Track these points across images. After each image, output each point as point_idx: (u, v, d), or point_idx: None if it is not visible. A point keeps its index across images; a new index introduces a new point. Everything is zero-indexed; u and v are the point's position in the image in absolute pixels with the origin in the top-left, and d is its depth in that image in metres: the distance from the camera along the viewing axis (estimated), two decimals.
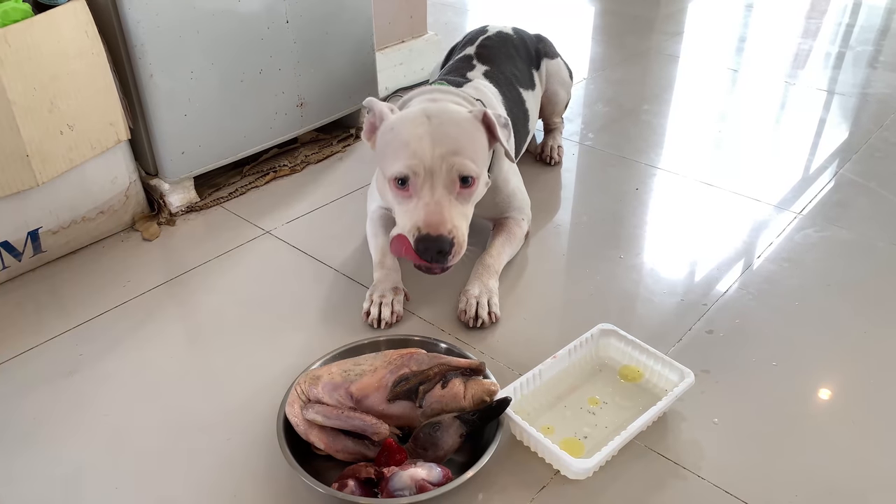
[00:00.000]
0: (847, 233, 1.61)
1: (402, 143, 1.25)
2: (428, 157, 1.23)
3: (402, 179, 1.24)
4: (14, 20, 1.33)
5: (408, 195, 1.25)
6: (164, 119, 1.59)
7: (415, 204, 1.24)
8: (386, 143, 1.29)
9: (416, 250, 1.21)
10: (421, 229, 1.21)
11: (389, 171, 1.26)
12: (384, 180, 1.30)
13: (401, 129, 1.27)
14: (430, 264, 1.22)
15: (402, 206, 1.26)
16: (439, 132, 1.25)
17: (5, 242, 1.43)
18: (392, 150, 1.26)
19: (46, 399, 1.20)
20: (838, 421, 1.14)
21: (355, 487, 0.97)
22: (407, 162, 1.23)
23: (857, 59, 2.63)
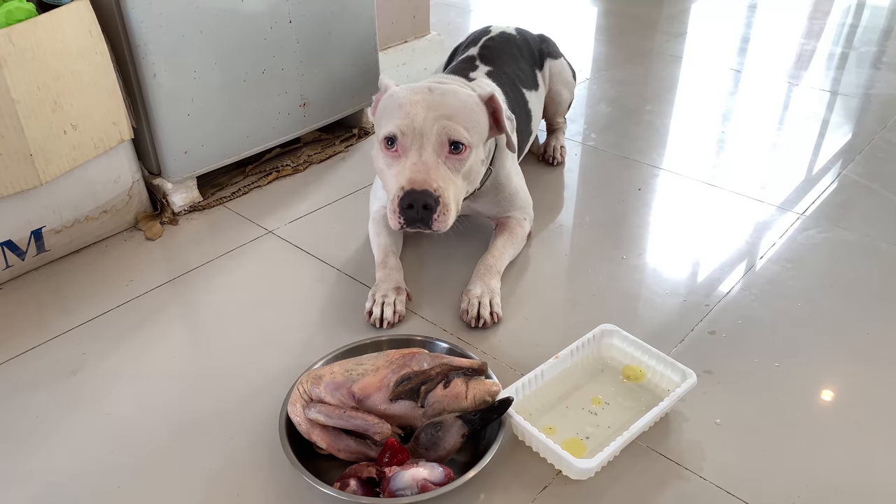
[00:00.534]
0: (850, 234, 1.60)
1: (397, 105, 1.28)
2: (419, 119, 1.24)
3: (391, 139, 1.25)
4: (18, 20, 1.34)
5: (396, 156, 1.26)
6: (167, 118, 1.60)
7: (401, 165, 1.25)
8: (383, 108, 1.32)
9: (400, 209, 1.21)
10: (405, 187, 1.22)
11: (381, 131, 1.28)
12: (377, 148, 1.31)
13: (399, 95, 1.30)
14: (409, 223, 1.23)
15: (391, 168, 1.27)
16: (437, 100, 1.28)
17: (9, 241, 1.44)
18: (387, 113, 1.29)
19: (49, 398, 1.20)
20: (840, 422, 1.14)
21: (357, 487, 0.97)
22: (398, 122, 1.25)
23: (860, 60, 2.63)
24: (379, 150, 1.30)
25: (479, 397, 1.05)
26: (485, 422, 1.03)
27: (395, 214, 1.24)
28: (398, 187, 1.23)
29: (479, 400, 1.05)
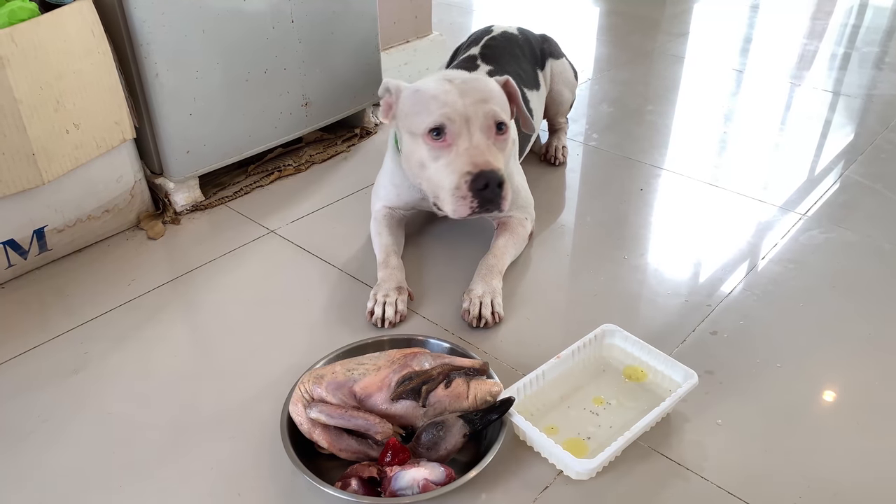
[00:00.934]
0: (852, 234, 1.60)
1: (430, 97, 1.27)
2: (460, 105, 1.25)
3: (438, 129, 1.24)
4: (21, 19, 1.34)
5: (445, 146, 1.25)
6: (170, 118, 1.60)
7: (455, 153, 1.24)
8: (411, 105, 1.29)
9: (473, 192, 1.21)
10: (471, 171, 1.21)
11: (423, 124, 1.25)
12: (413, 146, 1.29)
13: (426, 88, 1.29)
14: (482, 205, 1.22)
15: (439, 160, 1.26)
16: (466, 87, 1.28)
17: (11, 241, 1.44)
18: (421, 106, 1.27)
19: (51, 397, 1.20)
20: (842, 423, 1.14)
21: (358, 487, 0.98)
22: (441, 111, 1.24)
23: (862, 61, 2.63)
24: (418, 145, 1.28)
25: (481, 397, 1.05)
26: (486, 422, 1.03)
27: (465, 200, 1.23)
28: (462, 172, 1.22)
29: (481, 400, 1.05)
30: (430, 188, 1.31)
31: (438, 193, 1.28)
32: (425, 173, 1.30)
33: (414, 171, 1.33)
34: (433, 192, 1.30)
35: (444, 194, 1.26)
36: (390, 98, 1.36)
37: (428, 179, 1.30)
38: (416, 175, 1.33)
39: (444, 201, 1.27)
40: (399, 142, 1.41)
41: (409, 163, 1.34)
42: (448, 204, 1.26)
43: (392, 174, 1.50)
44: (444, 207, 1.28)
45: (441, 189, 1.27)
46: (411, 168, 1.33)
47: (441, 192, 1.27)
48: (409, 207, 1.54)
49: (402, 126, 1.34)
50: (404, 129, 1.33)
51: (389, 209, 1.54)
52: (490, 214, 1.53)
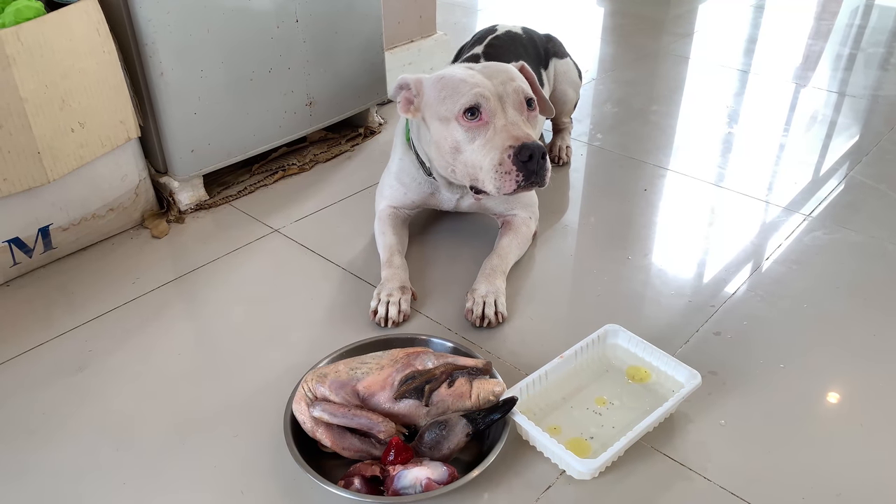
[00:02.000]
0: (857, 235, 1.60)
1: (458, 80, 1.28)
2: (490, 84, 1.26)
3: (473, 109, 1.24)
4: (26, 18, 1.35)
5: (481, 125, 1.25)
6: (174, 117, 1.60)
7: (492, 130, 1.24)
8: (439, 91, 1.29)
9: (518, 166, 1.21)
10: (514, 144, 1.22)
11: (456, 106, 1.26)
12: (445, 132, 1.28)
13: (451, 74, 1.30)
14: (528, 178, 1.23)
15: (476, 140, 1.26)
16: (488, 70, 1.30)
17: (16, 239, 1.44)
18: (450, 90, 1.27)
19: (55, 394, 1.20)
20: (846, 424, 1.13)
21: (361, 485, 0.98)
22: (474, 90, 1.25)
23: (868, 61, 2.62)
24: (452, 130, 1.27)
25: (484, 397, 1.05)
26: (489, 421, 1.03)
27: (509, 175, 1.23)
28: (504, 147, 1.23)
29: (484, 399, 1.05)
30: (466, 172, 1.30)
31: (477, 175, 1.28)
32: (461, 157, 1.29)
33: (446, 159, 1.31)
34: (471, 175, 1.29)
35: (484, 174, 1.26)
36: (409, 92, 1.35)
37: (464, 163, 1.29)
38: (449, 162, 1.32)
39: (485, 181, 1.26)
40: (416, 136, 1.41)
41: (440, 150, 1.32)
42: (491, 182, 1.25)
43: (399, 173, 1.50)
44: (486, 187, 1.27)
45: (480, 169, 1.26)
46: (443, 156, 1.32)
47: (481, 172, 1.26)
48: (416, 206, 1.54)
49: (429, 115, 1.32)
50: (433, 117, 1.31)
51: (394, 209, 1.54)
52: (495, 213, 1.53)
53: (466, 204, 1.51)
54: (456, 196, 1.50)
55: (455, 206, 1.52)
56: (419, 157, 1.45)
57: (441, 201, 1.52)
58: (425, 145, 1.39)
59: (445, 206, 1.53)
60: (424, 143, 1.39)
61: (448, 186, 1.46)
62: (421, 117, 1.35)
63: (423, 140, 1.39)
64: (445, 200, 1.51)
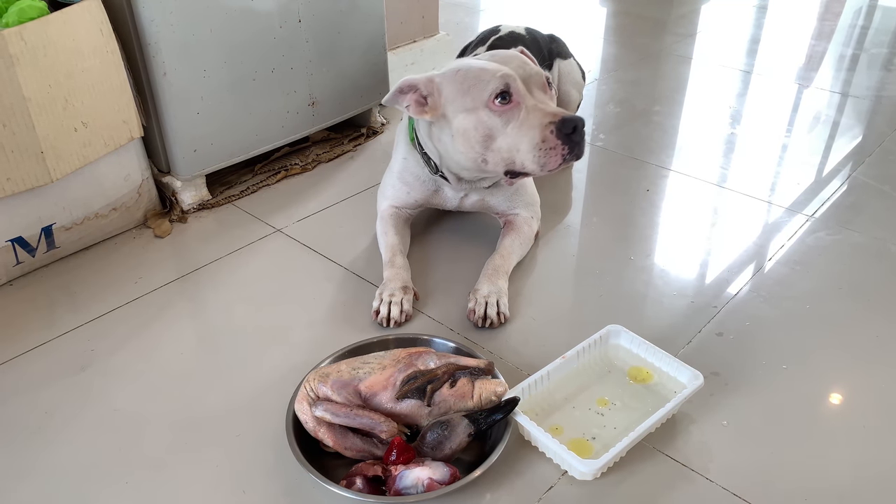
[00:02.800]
0: (859, 236, 1.60)
1: (479, 69, 1.27)
2: (512, 68, 1.26)
3: (504, 93, 1.24)
4: (30, 18, 1.35)
5: (513, 107, 1.25)
6: (177, 117, 1.60)
7: (524, 111, 1.25)
8: (460, 83, 1.28)
9: (563, 139, 1.22)
10: (553, 119, 1.23)
11: (485, 93, 1.25)
12: (474, 123, 1.27)
13: (468, 64, 1.29)
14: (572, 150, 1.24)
15: (510, 124, 1.26)
16: (499, 57, 1.30)
17: (19, 238, 1.45)
18: (473, 80, 1.27)
19: (58, 393, 1.21)
20: (848, 425, 1.13)
21: (363, 485, 0.98)
22: (500, 74, 1.25)
23: (871, 62, 2.62)
24: (482, 118, 1.26)
25: (486, 397, 1.05)
26: (491, 421, 1.03)
27: (554, 150, 1.23)
28: (544, 124, 1.23)
29: (486, 399, 1.05)
30: (501, 158, 1.29)
31: (514, 158, 1.27)
32: (495, 144, 1.28)
33: (477, 150, 1.30)
34: (506, 161, 1.29)
35: (524, 155, 1.26)
36: (416, 94, 1.32)
37: (498, 150, 1.28)
38: (479, 153, 1.30)
39: (525, 162, 1.26)
40: (427, 135, 1.38)
41: (468, 142, 1.30)
42: (534, 162, 1.25)
43: (402, 172, 1.50)
44: (528, 168, 1.27)
45: (519, 152, 1.26)
46: (473, 147, 1.30)
47: (519, 155, 1.26)
48: (418, 205, 1.54)
49: (452, 110, 1.30)
50: (458, 110, 1.29)
51: (396, 208, 1.54)
52: (497, 212, 1.53)
53: (470, 202, 1.51)
54: (460, 194, 1.50)
55: (458, 204, 1.52)
56: (425, 155, 1.44)
57: (445, 200, 1.52)
58: (436, 142, 1.37)
59: (449, 205, 1.53)
60: (436, 141, 1.37)
61: (457, 182, 1.45)
62: (439, 115, 1.32)
63: (436, 137, 1.37)
64: (449, 199, 1.51)
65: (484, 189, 1.49)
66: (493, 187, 1.49)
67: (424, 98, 1.32)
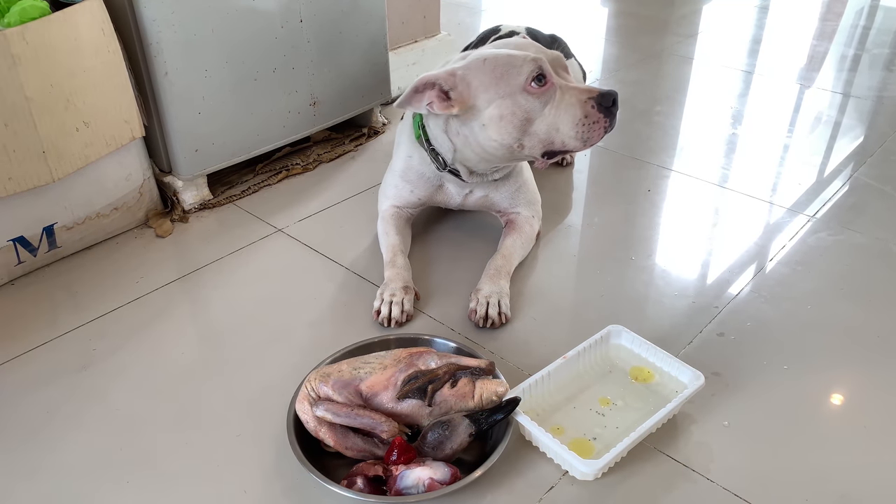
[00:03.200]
0: (861, 236, 1.60)
1: (506, 55, 1.28)
2: (532, 52, 1.28)
3: (540, 75, 1.26)
4: (32, 18, 1.35)
5: (548, 89, 1.27)
6: (179, 117, 1.61)
7: (560, 90, 1.28)
8: (491, 71, 1.28)
9: (605, 112, 1.26)
10: (591, 95, 1.27)
11: (521, 77, 1.26)
12: (511, 108, 1.27)
13: (493, 53, 1.30)
14: (608, 120, 1.28)
15: (548, 105, 1.28)
16: (514, 44, 1.32)
17: (21, 238, 1.45)
18: (505, 67, 1.27)
19: (59, 393, 1.21)
20: (850, 425, 1.13)
21: (364, 485, 0.98)
22: (533, 57, 1.26)
23: (873, 62, 2.61)
24: (519, 103, 1.27)
25: (487, 397, 1.05)
26: (492, 421, 1.03)
27: (597, 124, 1.27)
28: (583, 101, 1.27)
29: (487, 399, 1.05)
30: (539, 140, 1.30)
31: (555, 137, 1.29)
32: (533, 127, 1.29)
33: (514, 135, 1.30)
34: (545, 142, 1.30)
35: (565, 133, 1.28)
36: (436, 91, 1.29)
37: (536, 132, 1.29)
38: (517, 137, 1.30)
39: (566, 141, 1.29)
40: (442, 129, 1.36)
41: (506, 128, 1.29)
42: (576, 139, 1.28)
43: (405, 171, 1.50)
44: (570, 145, 1.30)
45: (559, 131, 1.28)
46: (510, 133, 1.29)
47: (559, 134, 1.29)
48: (421, 203, 1.54)
49: (485, 99, 1.28)
50: (492, 98, 1.28)
51: (397, 208, 1.54)
52: (499, 209, 1.53)
53: (473, 199, 1.51)
54: (464, 191, 1.49)
55: (461, 202, 1.51)
56: (433, 152, 1.43)
57: (448, 197, 1.51)
58: (453, 136, 1.35)
59: (452, 202, 1.52)
60: (454, 134, 1.35)
61: (468, 175, 1.44)
62: (468, 107, 1.30)
63: (454, 131, 1.35)
64: (452, 196, 1.51)
65: (489, 184, 1.49)
66: (499, 181, 1.49)
67: (446, 93, 1.30)
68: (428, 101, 1.30)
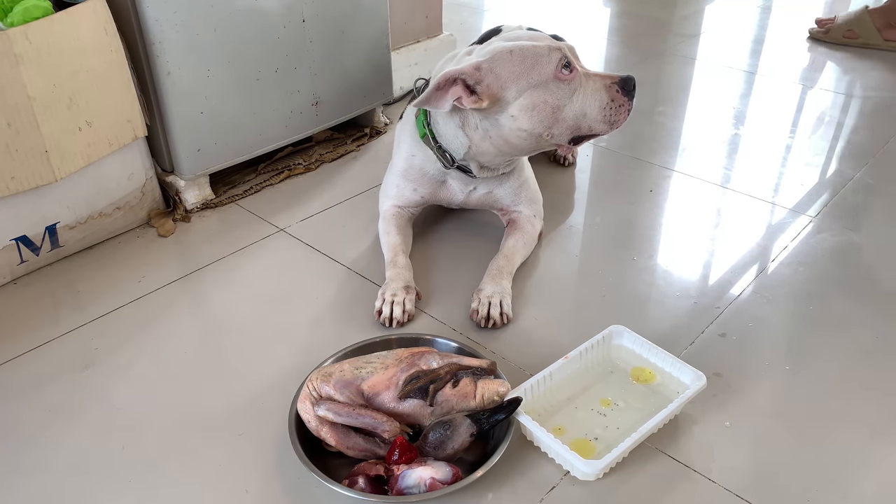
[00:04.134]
0: (863, 237, 1.59)
1: (530, 46, 1.30)
2: (549, 40, 1.33)
3: (567, 63, 1.30)
4: (34, 17, 1.35)
5: (574, 75, 1.31)
6: (181, 116, 1.61)
7: (583, 77, 1.32)
8: (521, 60, 1.28)
9: (626, 95, 1.32)
10: (614, 81, 1.32)
11: (550, 65, 1.28)
12: (542, 97, 1.28)
13: (517, 45, 1.30)
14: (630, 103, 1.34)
15: (576, 92, 1.31)
16: (526, 36, 1.34)
17: (23, 237, 1.45)
18: (533, 58, 1.29)
19: (61, 392, 1.21)
20: (851, 426, 1.13)
21: (365, 485, 0.98)
22: (557, 46, 1.29)
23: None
24: (549, 91, 1.28)
25: (488, 397, 1.05)
26: (493, 421, 1.03)
27: (623, 107, 1.32)
28: (607, 85, 1.31)
29: (488, 399, 1.05)
30: (567, 127, 1.33)
31: (581, 123, 1.33)
32: (562, 114, 1.31)
33: (546, 123, 1.31)
34: (573, 128, 1.33)
35: (592, 118, 1.32)
36: (461, 86, 1.26)
37: (565, 119, 1.32)
38: (548, 125, 1.31)
39: (594, 124, 1.33)
40: (459, 124, 1.35)
41: (537, 117, 1.30)
42: (603, 122, 1.33)
43: (407, 170, 1.50)
44: (597, 129, 1.34)
45: (586, 116, 1.32)
46: (542, 121, 1.30)
47: (586, 119, 1.32)
48: (424, 202, 1.54)
49: (517, 89, 1.28)
50: (524, 87, 1.28)
51: (398, 208, 1.54)
52: (501, 207, 1.53)
53: (476, 197, 1.51)
54: (468, 188, 1.49)
55: (464, 199, 1.51)
56: (440, 150, 1.41)
57: (451, 195, 1.51)
58: (471, 130, 1.34)
59: (455, 200, 1.52)
60: (472, 129, 1.34)
61: (479, 170, 1.44)
62: (496, 99, 1.29)
63: (472, 125, 1.34)
64: (455, 193, 1.51)
65: (494, 180, 1.48)
66: (502, 177, 1.49)
67: (470, 88, 1.28)
68: (455, 97, 1.28)
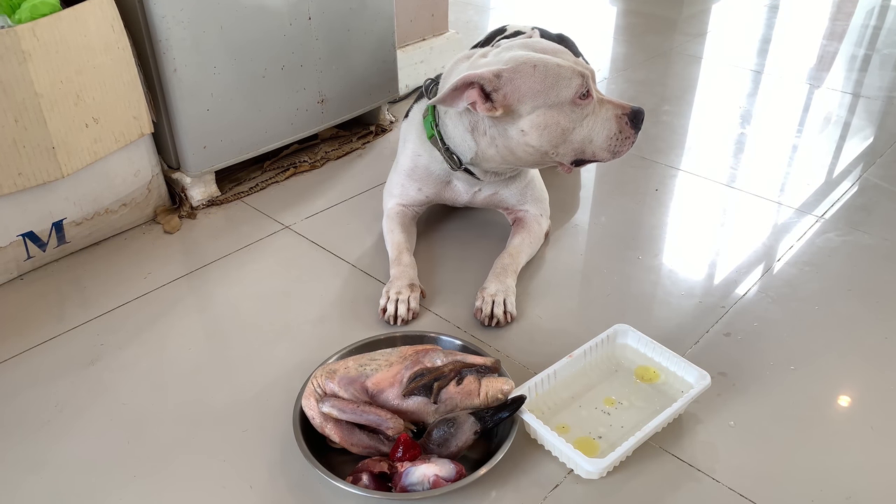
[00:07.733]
0: (869, 237, 1.59)
1: (555, 65, 1.28)
2: (573, 63, 1.31)
3: (587, 90, 1.30)
4: (42, 14, 1.36)
5: (588, 102, 1.31)
6: (187, 113, 1.61)
7: (596, 104, 1.32)
8: (542, 77, 1.27)
9: (633, 128, 1.34)
10: (625, 111, 1.33)
11: (570, 90, 1.28)
12: (556, 117, 1.28)
13: (541, 59, 1.29)
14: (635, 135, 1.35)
15: (587, 118, 1.31)
16: (552, 50, 1.33)
17: (30, 233, 1.46)
18: (555, 77, 1.28)
19: (67, 388, 1.22)
20: (856, 426, 1.13)
21: (369, 481, 0.98)
22: (580, 71, 1.29)
23: (883, 63, 2.60)
24: (564, 113, 1.28)
25: (492, 395, 1.05)
26: (497, 419, 1.03)
27: (629, 139, 1.34)
28: (619, 115, 1.33)
29: (492, 397, 1.05)
30: (572, 150, 1.33)
31: (586, 148, 1.33)
32: (570, 136, 1.31)
33: (553, 143, 1.31)
34: (578, 151, 1.34)
35: (597, 145, 1.33)
36: (477, 91, 1.25)
37: (572, 142, 1.32)
38: (555, 145, 1.31)
39: (597, 151, 1.34)
40: (469, 129, 1.34)
41: (546, 136, 1.29)
42: (607, 151, 1.34)
43: (413, 169, 1.50)
44: (600, 156, 1.35)
45: (592, 142, 1.33)
46: (549, 140, 1.30)
47: (592, 145, 1.33)
48: (428, 201, 1.54)
49: (531, 105, 1.27)
50: (539, 105, 1.27)
51: (402, 206, 1.54)
52: (507, 207, 1.53)
53: (481, 197, 1.51)
54: (474, 189, 1.49)
55: (469, 199, 1.51)
56: (447, 151, 1.41)
57: (456, 195, 1.51)
58: (479, 136, 1.34)
59: (459, 200, 1.52)
60: (480, 134, 1.34)
61: (483, 174, 1.44)
62: (510, 109, 1.28)
63: (481, 131, 1.33)
64: (460, 193, 1.51)
65: (500, 181, 1.48)
66: (508, 179, 1.49)
67: (486, 94, 1.27)
68: (469, 101, 1.27)
